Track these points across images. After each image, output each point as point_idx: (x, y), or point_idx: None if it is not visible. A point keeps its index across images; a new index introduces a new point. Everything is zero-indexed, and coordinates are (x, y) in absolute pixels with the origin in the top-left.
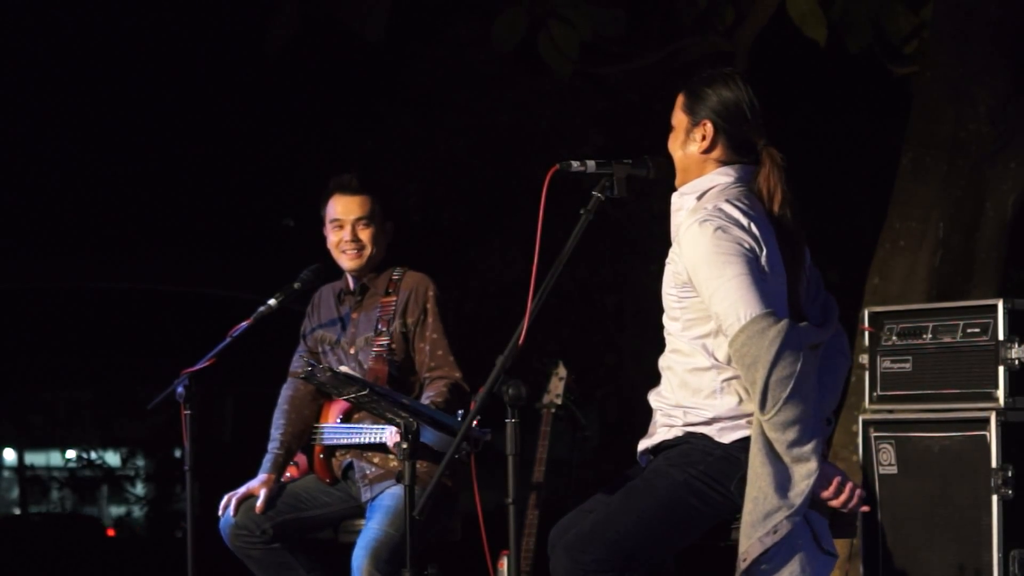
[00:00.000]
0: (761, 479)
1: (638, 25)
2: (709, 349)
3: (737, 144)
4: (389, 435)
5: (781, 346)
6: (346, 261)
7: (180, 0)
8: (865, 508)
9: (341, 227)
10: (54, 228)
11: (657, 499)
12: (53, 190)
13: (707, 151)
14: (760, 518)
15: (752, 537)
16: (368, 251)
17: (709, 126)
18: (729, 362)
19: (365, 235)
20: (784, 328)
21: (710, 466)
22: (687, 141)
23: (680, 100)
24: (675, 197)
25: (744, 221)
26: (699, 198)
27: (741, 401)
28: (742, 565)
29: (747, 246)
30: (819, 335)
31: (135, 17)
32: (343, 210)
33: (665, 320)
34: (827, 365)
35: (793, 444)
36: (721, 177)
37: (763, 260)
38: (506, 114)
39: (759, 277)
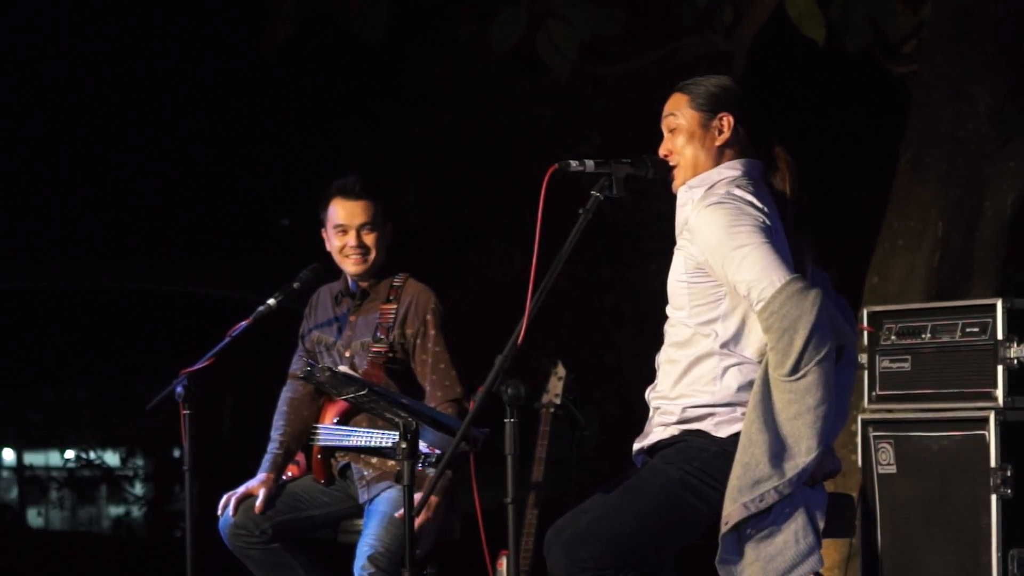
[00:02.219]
0: (756, 446)
1: (637, 25)
2: (717, 332)
3: (754, 135)
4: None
5: (820, 309)
6: (350, 266)
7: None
8: None
9: (345, 232)
10: (52, 228)
11: (654, 497)
12: (52, 190)
13: (726, 144)
14: (748, 484)
15: (737, 501)
16: (372, 255)
17: (729, 118)
18: (734, 345)
19: (370, 239)
20: (821, 294)
21: (706, 463)
22: (703, 136)
23: (683, 100)
24: (682, 191)
25: (757, 203)
26: (707, 190)
27: (740, 387)
28: (723, 528)
29: (761, 220)
30: (849, 334)
31: (132, 17)
32: (347, 215)
33: (669, 310)
34: (838, 390)
35: (813, 409)
36: (728, 171)
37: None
38: (504, 114)
39: (779, 247)
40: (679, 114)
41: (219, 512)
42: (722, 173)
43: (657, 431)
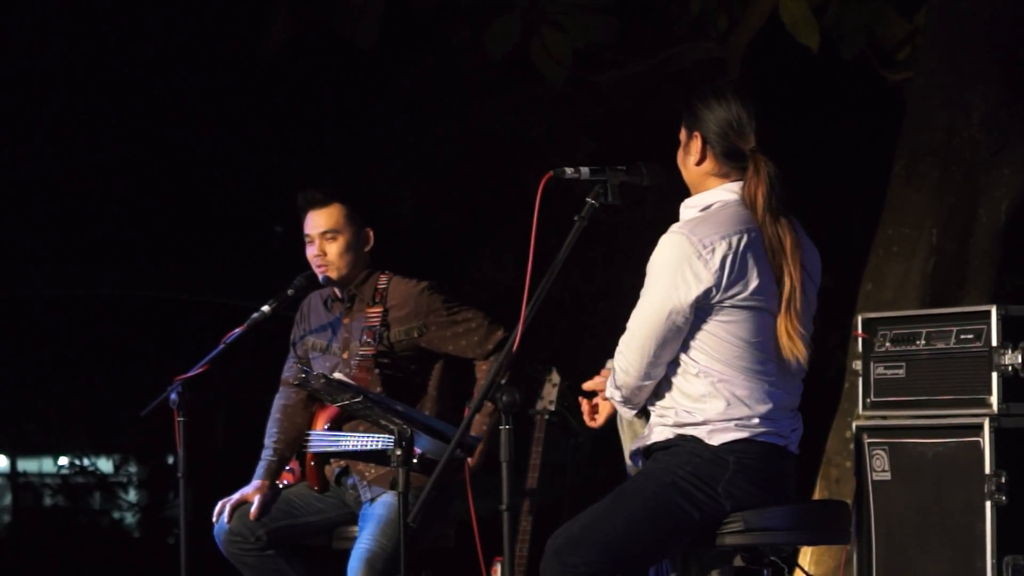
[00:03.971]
0: None
1: (631, 32)
2: (695, 359)
3: (728, 154)
4: None
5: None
6: (320, 274)
7: (173, 7)
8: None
9: (312, 242)
10: (46, 235)
11: (645, 501)
12: (45, 197)
13: (699, 163)
14: None
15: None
16: (336, 263)
17: (699, 139)
18: (713, 363)
19: (331, 248)
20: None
21: (697, 467)
22: (684, 155)
23: (683, 113)
24: (681, 209)
25: (717, 252)
26: (701, 211)
27: (729, 404)
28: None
29: (690, 284)
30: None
31: (128, 25)
32: (311, 225)
33: None
34: None
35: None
36: (726, 194)
37: (718, 291)
38: (499, 121)
39: (673, 321)
40: (681, 128)
41: (214, 519)
42: (718, 196)
43: (656, 432)
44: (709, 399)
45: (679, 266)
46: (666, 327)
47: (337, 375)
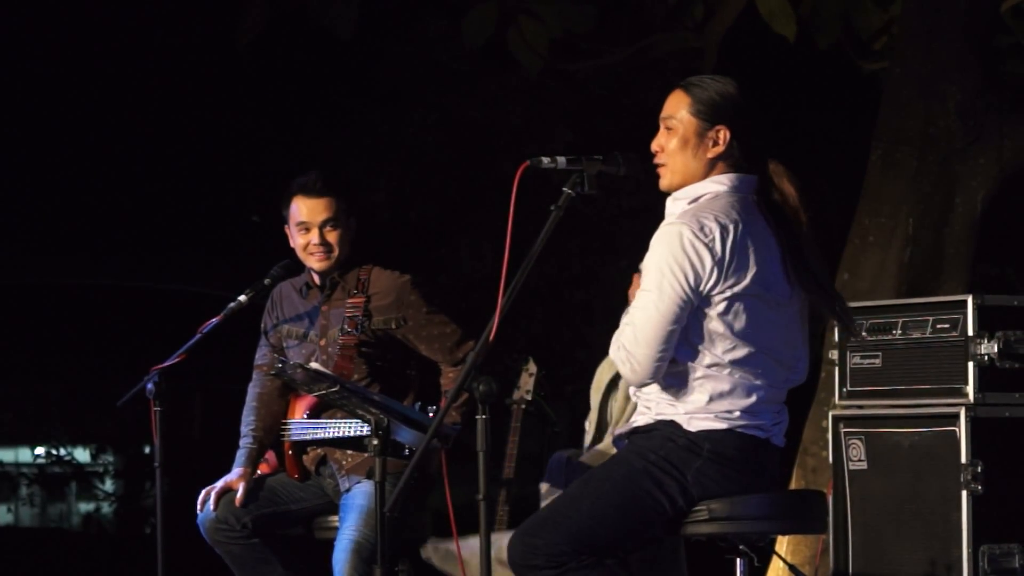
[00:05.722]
0: None
1: (608, 21)
2: (679, 351)
3: (748, 153)
4: None
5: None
6: (314, 263)
7: None
8: None
9: (308, 230)
10: (22, 224)
11: (613, 485)
12: (20, 187)
13: (719, 156)
14: None
15: None
16: (336, 252)
17: (725, 132)
18: (699, 358)
19: (333, 237)
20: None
21: (670, 452)
22: (697, 146)
23: (683, 102)
24: (669, 202)
25: (718, 239)
26: (691, 203)
27: (711, 400)
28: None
29: (703, 265)
30: None
31: (104, 13)
32: (309, 213)
33: None
34: None
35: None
36: (715, 186)
37: (714, 282)
38: (475, 110)
39: (681, 311)
40: (677, 117)
41: (199, 508)
42: (708, 187)
43: (639, 418)
44: (692, 392)
45: (684, 255)
46: (676, 318)
47: (314, 364)
